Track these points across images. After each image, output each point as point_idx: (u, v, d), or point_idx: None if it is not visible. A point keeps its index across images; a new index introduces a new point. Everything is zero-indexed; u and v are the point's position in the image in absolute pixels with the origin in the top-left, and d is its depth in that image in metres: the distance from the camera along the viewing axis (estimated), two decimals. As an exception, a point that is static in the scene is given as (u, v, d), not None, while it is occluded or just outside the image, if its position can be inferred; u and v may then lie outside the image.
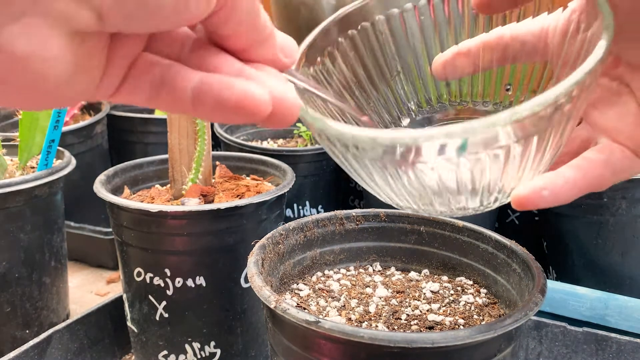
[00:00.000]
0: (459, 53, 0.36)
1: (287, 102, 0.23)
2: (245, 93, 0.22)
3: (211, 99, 0.22)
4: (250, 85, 0.22)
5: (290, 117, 0.24)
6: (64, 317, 0.80)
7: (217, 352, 0.62)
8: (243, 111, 0.22)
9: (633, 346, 0.58)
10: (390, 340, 0.34)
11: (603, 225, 0.70)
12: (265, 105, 0.22)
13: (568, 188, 0.29)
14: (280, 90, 0.23)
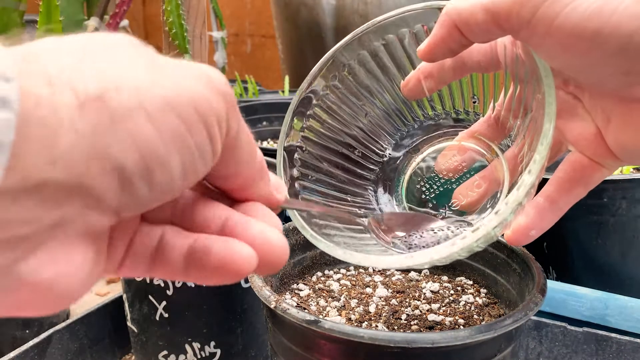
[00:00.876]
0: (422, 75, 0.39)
1: (273, 247, 0.23)
2: (223, 256, 0.21)
3: (197, 267, 0.22)
4: (231, 244, 0.22)
5: (279, 261, 0.24)
6: (64, 317, 0.80)
7: (217, 352, 0.62)
8: (227, 274, 0.22)
9: (633, 346, 0.58)
10: (390, 340, 0.34)
11: (603, 225, 0.70)
12: (249, 261, 0.22)
13: (549, 219, 0.35)
14: (267, 237, 0.23)
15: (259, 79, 1.86)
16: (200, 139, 0.19)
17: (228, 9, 2.56)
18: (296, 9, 1.65)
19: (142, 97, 0.18)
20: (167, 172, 0.19)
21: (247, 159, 0.23)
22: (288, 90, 1.31)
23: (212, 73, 0.21)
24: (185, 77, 0.19)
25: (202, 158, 0.20)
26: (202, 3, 0.61)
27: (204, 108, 0.19)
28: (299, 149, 0.42)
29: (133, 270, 0.23)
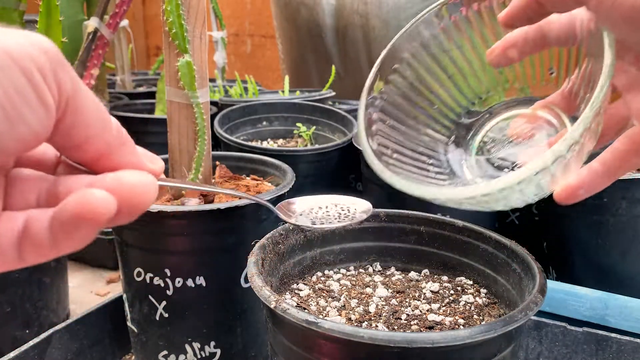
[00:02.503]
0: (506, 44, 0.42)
1: (132, 186, 0.23)
2: (77, 203, 0.21)
3: (60, 229, 0.21)
4: (84, 191, 0.21)
5: (140, 201, 0.23)
6: (64, 317, 0.80)
7: (217, 352, 0.62)
8: (85, 221, 0.21)
9: (633, 346, 0.58)
10: (390, 340, 0.34)
11: (603, 225, 0.70)
12: (104, 202, 0.21)
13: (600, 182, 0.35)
14: (121, 178, 0.23)
15: (259, 79, 1.86)
16: (18, 81, 0.20)
17: (228, 9, 2.56)
18: (296, 9, 1.65)
19: None
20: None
21: (95, 123, 0.23)
22: (288, 90, 1.31)
23: (36, 35, 0.21)
24: (2, 34, 0.20)
25: (27, 105, 0.20)
26: (202, 3, 0.61)
27: (19, 54, 0.20)
28: (380, 96, 0.46)
29: (3, 261, 0.22)
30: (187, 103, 0.63)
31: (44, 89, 0.21)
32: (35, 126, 0.21)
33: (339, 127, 1.03)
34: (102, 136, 0.24)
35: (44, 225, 0.22)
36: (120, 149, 0.25)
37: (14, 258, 0.22)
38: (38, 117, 0.21)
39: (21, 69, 0.20)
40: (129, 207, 0.23)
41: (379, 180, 0.83)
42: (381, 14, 1.52)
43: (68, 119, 0.22)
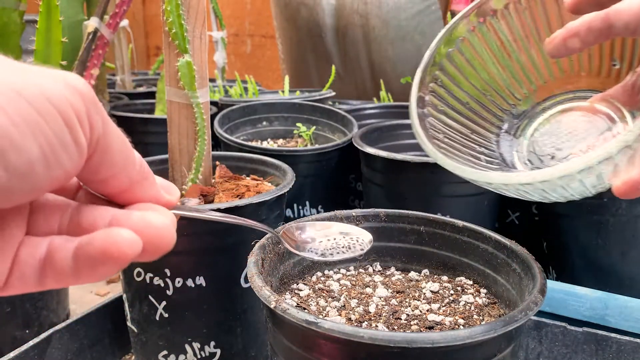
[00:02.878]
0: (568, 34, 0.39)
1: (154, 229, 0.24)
2: (104, 242, 0.22)
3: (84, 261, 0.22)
4: (111, 230, 0.22)
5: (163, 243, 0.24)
6: (64, 317, 0.80)
7: (217, 352, 0.62)
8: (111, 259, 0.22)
9: (633, 346, 0.58)
10: (390, 340, 0.34)
11: (603, 225, 0.70)
12: (130, 243, 0.22)
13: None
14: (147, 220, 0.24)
15: (258, 79, 1.86)
16: (56, 126, 0.21)
17: (228, 9, 2.56)
18: (296, 9, 1.65)
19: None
20: (23, 155, 0.20)
21: (121, 160, 0.24)
22: (288, 90, 1.31)
23: (71, 75, 0.22)
24: (37, 76, 0.21)
25: (64, 147, 0.21)
26: (202, 3, 0.61)
27: (58, 99, 0.21)
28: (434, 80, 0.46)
29: (22, 283, 0.23)
30: (187, 103, 0.63)
31: (79, 132, 0.21)
32: (68, 167, 0.22)
33: (339, 127, 1.03)
34: (126, 172, 0.25)
35: (67, 255, 0.23)
36: (141, 183, 0.26)
37: (34, 282, 0.23)
38: (72, 158, 0.22)
39: (60, 114, 0.21)
40: (153, 249, 0.24)
41: (379, 180, 0.83)
42: (381, 14, 1.52)
43: (96, 157, 0.23)
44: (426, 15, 1.55)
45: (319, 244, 0.45)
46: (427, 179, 0.76)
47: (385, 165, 0.80)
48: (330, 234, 0.46)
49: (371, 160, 0.82)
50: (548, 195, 0.35)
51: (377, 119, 1.17)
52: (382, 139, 0.95)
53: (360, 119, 1.10)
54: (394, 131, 0.97)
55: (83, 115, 0.22)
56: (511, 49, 0.47)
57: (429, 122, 0.45)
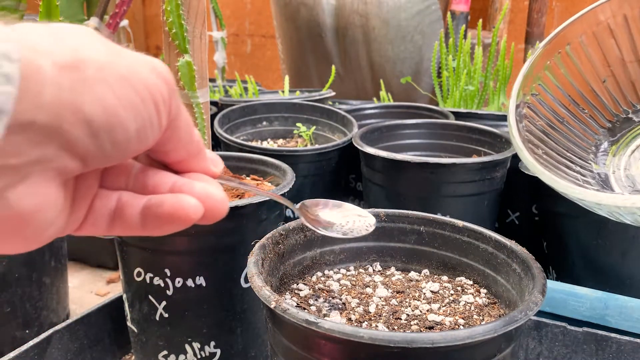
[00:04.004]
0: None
1: (215, 199, 0.28)
2: (174, 205, 0.27)
3: (153, 219, 0.27)
4: (180, 197, 0.27)
5: (220, 211, 0.29)
6: (64, 317, 0.80)
7: (217, 352, 0.62)
8: (178, 220, 0.27)
9: (633, 346, 0.58)
10: (390, 341, 0.34)
11: (603, 225, 0.70)
12: (195, 209, 0.27)
13: None
14: (209, 192, 0.28)
15: (259, 79, 1.86)
16: (150, 110, 0.24)
17: (228, 9, 2.56)
18: (296, 9, 1.65)
19: (106, 72, 0.23)
20: (125, 133, 0.23)
21: (185, 137, 0.28)
22: (288, 90, 1.31)
23: (158, 63, 0.26)
24: (137, 62, 0.24)
25: (151, 127, 0.25)
26: (202, 3, 0.61)
27: (153, 87, 0.24)
28: (533, 93, 0.47)
29: (95, 227, 0.27)
30: (187, 103, 0.63)
31: (163, 115, 0.25)
32: (150, 142, 0.26)
33: (339, 127, 1.03)
34: (186, 147, 0.29)
35: (136, 210, 0.27)
36: (196, 156, 0.30)
37: (104, 229, 0.28)
38: (154, 135, 0.25)
39: (154, 102, 0.24)
40: (211, 216, 0.28)
41: (379, 180, 0.82)
42: (381, 14, 1.52)
43: (167, 133, 0.27)
44: (426, 15, 1.55)
45: (341, 225, 0.47)
46: (427, 179, 0.76)
47: (385, 165, 0.80)
48: (346, 215, 0.48)
49: (371, 160, 0.82)
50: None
51: (377, 119, 1.17)
52: (382, 139, 0.95)
53: (360, 119, 1.10)
54: (394, 131, 0.97)
55: (167, 100, 0.25)
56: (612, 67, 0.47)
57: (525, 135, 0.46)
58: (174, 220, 0.27)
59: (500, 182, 0.81)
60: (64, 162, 0.22)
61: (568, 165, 0.47)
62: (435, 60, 1.39)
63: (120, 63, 0.24)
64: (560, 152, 0.47)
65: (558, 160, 0.46)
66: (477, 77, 1.26)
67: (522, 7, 2.01)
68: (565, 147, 0.48)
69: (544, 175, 0.40)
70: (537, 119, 0.47)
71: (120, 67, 0.23)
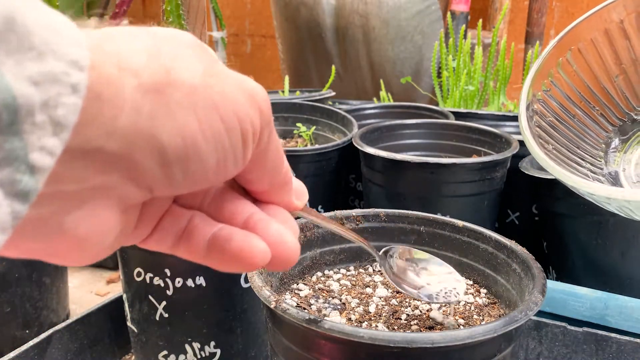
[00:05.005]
0: None
1: (286, 248, 0.26)
2: (241, 246, 0.24)
3: (217, 252, 0.25)
4: (250, 238, 0.25)
5: (289, 261, 0.26)
6: (64, 317, 0.80)
7: (217, 352, 0.62)
8: (242, 262, 0.24)
9: (633, 346, 0.58)
10: (390, 340, 0.34)
11: (603, 225, 0.70)
12: (263, 255, 0.24)
13: None
14: (282, 237, 0.26)
15: (259, 79, 1.86)
16: (235, 141, 0.22)
17: (228, 9, 2.56)
18: (296, 9, 1.65)
19: (196, 97, 0.21)
20: (201, 164, 0.21)
21: (272, 168, 0.26)
22: (288, 90, 1.31)
23: (257, 90, 0.24)
24: (233, 88, 0.22)
25: (234, 159, 0.23)
26: (202, 3, 0.61)
27: (244, 117, 0.22)
28: (544, 89, 0.47)
29: (159, 244, 0.26)
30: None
31: (250, 147, 0.23)
32: (232, 174, 0.24)
33: (339, 127, 1.03)
34: (270, 179, 0.27)
35: (204, 238, 0.25)
36: (281, 189, 0.28)
37: (168, 247, 0.26)
38: (237, 167, 0.23)
39: (241, 131, 0.22)
40: (278, 263, 0.26)
41: (379, 180, 0.82)
42: (381, 14, 1.52)
43: (251, 163, 0.25)
44: (426, 15, 1.55)
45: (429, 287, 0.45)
46: (427, 179, 0.76)
47: (385, 165, 0.80)
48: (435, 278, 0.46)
49: (371, 160, 0.82)
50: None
51: (377, 119, 1.17)
52: (382, 139, 0.95)
53: (360, 119, 1.10)
54: (394, 131, 0.97)
55: (257, 131, 0.23)
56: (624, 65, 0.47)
57: (537, 131, 0.45)
58: (237, 260, 0.24)
59: (500, 182, 0.81)
60: (128, 190, 0.21)
61: (578, 162, 0.47)
62: (435, 60, 1.39)
63: (213, 87, 0.21)
64: (571, 149, 0.47)
65: (568, 156, 0.46)
66: (477, 77, 1.26)
67: (522, 7, 2.02)
68: (575, 144, 0.48)
69: (555, 170, 0.40)
70: (548, 114, 0.47)
71: (212, 93, 0.21)
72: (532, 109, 0.45)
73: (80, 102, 0.17)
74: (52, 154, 0.17)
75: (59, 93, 0.16)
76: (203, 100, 0.21)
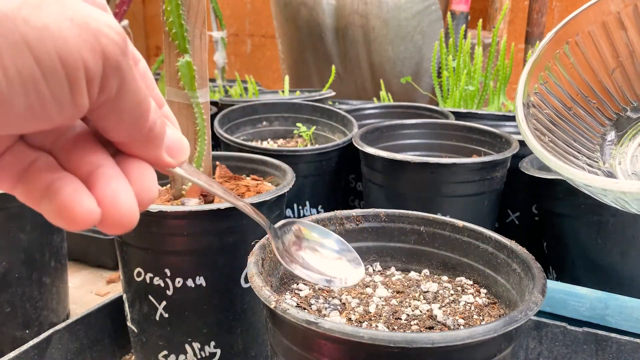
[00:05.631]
0: None
1: (119, 210, 0.23)
2: (64, 201, 0.22)
3: (47, 202, 0.23)
4: (78, 194, 0.22)
5: (122, 224, 0.24)
6: (64, 317, 0.80)
7: (217, 352, 0.62)
8: (66, 218, 0.22)
9: (633, 346, 0.58)
10: (390, 341, 0.34)
11: (603, 225, 0.70)
12: (86, 214, 0.22)
13: None
14: (117, 199, 0.23)
15: (258, 79, 1.86)
16: (57, 87, 0.19)
17: (228, 9, 2.56)
18: (296, 9, 1.65)
19: (2, 29, 0.18)
20: (4, 108, 0.19)
21: (130, 120, 0.23)
22: (288, 90, 1.31)
23: (103, 30, 0.20)
24: (64, 24, 0.19)
25: (57, 105, 0.20)
26: (202, 3, 0.61)
27: (70, 60, 0.19)
28: (541, 82, 0.47)
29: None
30: (187, 103, 0.63)
31: (82, 93, 0.20)
32: (57, 121, 0.21)
33: (339, 127, 1.03)
34: (129, 131, 0.24)
35: (42, 184, 0.23)
36: (145, 143, 0.25)
37: (6, 187, 0.24)
38: (63, 114, 0.21)
39: (66, 74, 0.19)
40: (108, 225, 0.24)
41: (379, 180, 0.82)
42: (381, 14, 1.52)
43: (101, 111, 0.22)
44: (426, 15, 1.55)
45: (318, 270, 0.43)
46: (427, 179, 0.76)
47: (385, 165, 0.80)
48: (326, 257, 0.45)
49: (371, 160, 0.82)
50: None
51: (377, 119, 1.17)
52: (382, 139, 0.95)
53: (360, 119, 1.10)
54: (394, 131, 0.97)
55: (95, 78, 0.20)
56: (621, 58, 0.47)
57: (533, 123, 0.45)
58: (61, 215, 0.22)
59: (500, 182, 0.81)
60: None
61: (575, 155, 0.47)
62: (435, 60, 1.39)
63: (29, 21, 0.18)
64: (567, 142, 0.47)
65: (565, 149, 0.47)
66: (477, 77, 1.26)
67: (522, 7, 2.02)
68: (572, 137, 0.48)
69: (551, 162, 0.40)
70: (545, 107, 0.47)
71: (26, 28, 0.18)
72: (529, 102, 0.46)
73: None
74: None
75: None
76: (10, 36, 0.18)
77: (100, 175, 0.23)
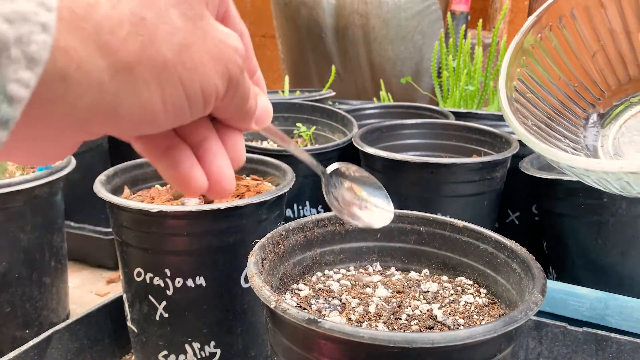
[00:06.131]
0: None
1: (222, 184, 0.29)
2: (185, 175, 0.28)
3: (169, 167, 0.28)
4: (194, 171, 0.28)
5: (224, 193, 0.29)
6: (64, 317, 0.80)
7: (217, 352, 0.62)
8: (183, 186, 0.28)
9: (633, 346, 0.58)
10: (390, 340, 0.34)
11: (603, 225, 0.70)
12: (200, 186, 0.28)
13: None
14: (221, 174, 0.29)
15: (259, 79, 1.85)
16: (195, 108, 0.24)
17: (228, 9, 2.56)
18: (296, 9, 1.65)
19: (165, 75, 0.22)
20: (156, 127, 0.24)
21: (235, 109, 0.28)
22: (288, 90, 1.31)
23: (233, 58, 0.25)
24: (207, 59, 0.23)
25: (192, 117, 0.25)
26: (202, 3, 0.61)
27: (210, 90, 0.24)
28: (522, 67, 0.48)
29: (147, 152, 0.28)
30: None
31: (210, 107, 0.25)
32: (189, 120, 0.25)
33: (339, 127, 1.03)
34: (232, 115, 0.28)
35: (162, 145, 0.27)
36: (240, 120, 0.29)
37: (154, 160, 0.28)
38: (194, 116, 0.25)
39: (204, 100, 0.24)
40: (213, 193, 0.29)
41: (379, 180, 0.83)
42: (381, 14, 1.52)
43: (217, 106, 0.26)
44: (426, 15, 1.55)
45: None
46: (427, 179, 0.76)
47: (385, 165, 0.80)
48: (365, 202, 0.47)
49: (371, 160, 0.82)
50: (630, 189, 0.36)
51: (377, 119, 1.17)
52: (382, 139, 0.95)
53: (360, 119, 1.10)
54: (394, 131, 0.97)
55: (221, 95, 0.25)
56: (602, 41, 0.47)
57: (516, 106, 0.46)
58: (177, 183, 0.28)
59: (500, 182, 0.81)
60: (84, 137, 0.23)
61: (558, 137, 0.47)
62: (435, 60, 1.39)
63: (185, 64, 0.22)
64: (550, 125, 0.48)
65: (548, 132, 0.47)
66: (477, 77, 1.26)
67: (522, 7, 2.02)
68: (554, 121, 0.48)
69: (534, 144, 0.41)
70: (526, 91, 0.47)
71: (182, 71, 0.23)
72: (512, 85, 0.46)
73: (50, 40, 0.18)
74: (27, 86, 0.18)
75: (30, 31, 0.18)
76: (171, 79, 0.22)
77: (208, 151, 0.28)
